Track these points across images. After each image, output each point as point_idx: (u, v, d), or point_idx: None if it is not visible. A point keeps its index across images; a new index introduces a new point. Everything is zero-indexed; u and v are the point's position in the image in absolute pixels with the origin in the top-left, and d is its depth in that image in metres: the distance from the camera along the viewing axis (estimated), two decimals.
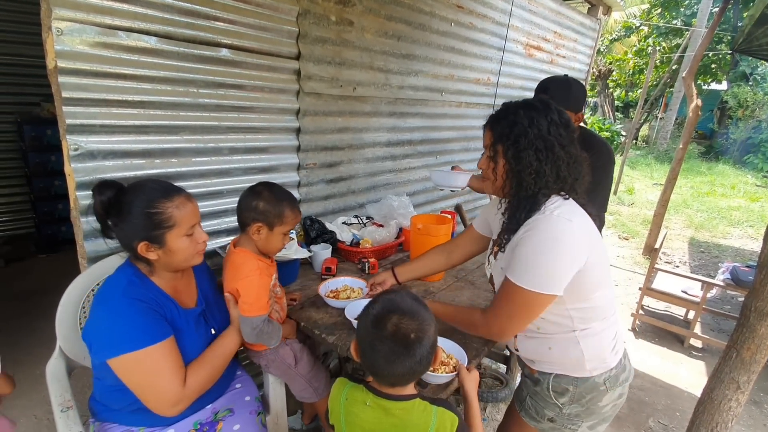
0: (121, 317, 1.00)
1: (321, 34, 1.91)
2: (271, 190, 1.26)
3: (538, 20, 3.33)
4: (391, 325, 0.85)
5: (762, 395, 2.62)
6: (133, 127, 1.44)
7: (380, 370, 0.87)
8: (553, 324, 1.09)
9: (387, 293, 0.94)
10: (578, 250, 0.98)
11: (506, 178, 1.08)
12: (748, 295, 1.81)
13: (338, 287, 1.61)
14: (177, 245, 1.06)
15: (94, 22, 1.30)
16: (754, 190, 8.76)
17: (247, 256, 1.28)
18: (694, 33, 10.84)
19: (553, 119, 1.03)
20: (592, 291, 1.04)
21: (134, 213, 1.02)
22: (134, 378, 1.01)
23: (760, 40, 3.28)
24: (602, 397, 1.12)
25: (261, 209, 1.24)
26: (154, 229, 1.03)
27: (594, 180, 1.58)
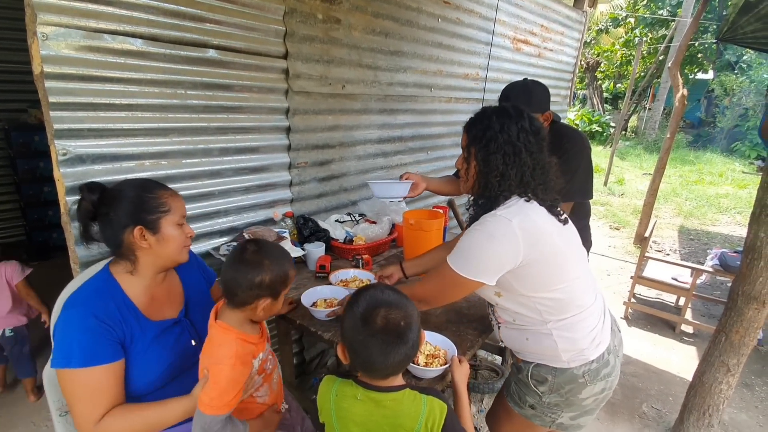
0: (68, 330, 0.97)
1: (308, 32, 1.91)
2: (267, 254, 1.02)
3: (525, 14, 3.35)
4: (381, 319, 0.87)
5: (753, 378, 2.68)
6: (121, 131, 1.44)
7: (376, 364, 0.88)
8: (526, 316, 1.14)
9: (364, 290, 0.95)
10: (512, 247, 1.02)
11: (476, 179, 1.16)
12: (735, 279, 1.85)
13: (348, 278, 1.66)
14: (170, 233, 1.06)
15: (79, 25, 1.29)
16: (741, 177, 8.88)
17: (227, 337, 0.99)
18: (680, 23, 10.94)
19: (524, 126, 1.09)
20: (553, 283, 1.08)
21: (129, 198, 1.03)
22: (64, 393, 0.98)
23: (745, 29, 3.32)
24: (582, 389, 1.15)
25: (268, 283, 1.00)
26: (151, 212, 1.04)
27: (573, 165, 1.62)
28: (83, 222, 1.06)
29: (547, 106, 1.62)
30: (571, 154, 1.63)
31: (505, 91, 1.63)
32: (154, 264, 1.09)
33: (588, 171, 1.69)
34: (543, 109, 1.60)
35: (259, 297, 1.00)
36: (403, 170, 2.72)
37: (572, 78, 4.38)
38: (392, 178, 2.65)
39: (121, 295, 1.05)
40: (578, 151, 1.65)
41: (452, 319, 1.48)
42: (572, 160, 1.63)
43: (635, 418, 2.27)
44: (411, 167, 2.78)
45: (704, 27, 12.00)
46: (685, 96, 4.37)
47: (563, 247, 1.09)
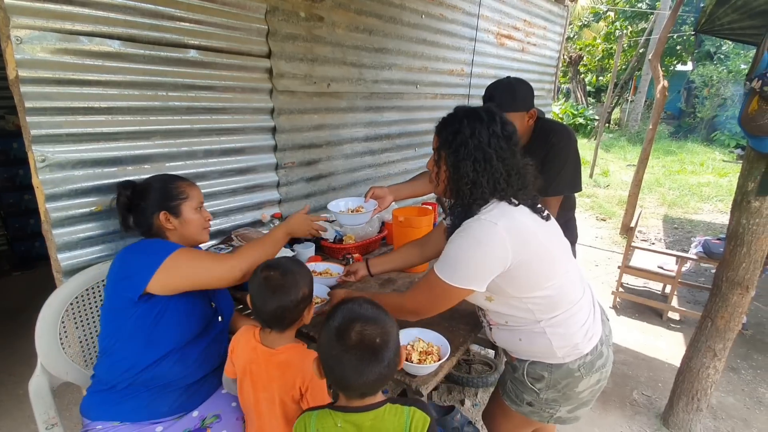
0: (146, 246, 1.20)
1: (291, 30, 1.89)
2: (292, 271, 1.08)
3: (508, 9, 3.37)
4: (355, 334, 0.83)
5: (739, 361, 2.74)
6: (101, 135, 1.40)
7: (350, 382, 0.84)
8: (519, 317, 1.13)
9: (344, 303, 0.91)
10: (500, 251, 1.00)
11: (446, 185, 1.13)
12: (719, 266, 1.90)
13: (320, 270, 1.67)
14: (190, 216, 1.29)
15: (53, 28, 1.25)
16: (722, 165, 9.09)
17: (302, 351, 1.09)
18: (659, 16, 11.13)
19: (495, 131, 1.05)
20: (543, 282, 1.07)
21: (156, 189, 1.27)
22: (186, 271, 1.16)
23: (722, 20, 3.38)
24: (578, 383, 1.15)
25: (309, 292, 1.10)
26: (173, 200, 1.26)
27: (561, 159, 1.62)
28: (122, 213, 1.31)
29: (531, 103, 1.62)
30: (558, 149, 1.64)
31: (489, 89, 1.63)
32: (181, 241, 1.28)
33: (576, 164, 1.70)
34: (527, 107, 1.60)
35: (305, 307, 1.10)
36: (391, 168, 2.72)
37: (556, 72, 4.42)
38: (382, 176, 2.64)
39: None
40: (565, 145, 1.65)
41: (444, 315, 1.47)
42: (560, 154, 1.64)
43: (626, 406, 2.31)
44: (399, 164, 2.78)
45: (683, 19, 12.24)
46: (665, 87, 4.45)
47: (549, 245, 1.08)
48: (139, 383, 1.17)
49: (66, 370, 1.32)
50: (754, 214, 1.70)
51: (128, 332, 1.16)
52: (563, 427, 2.11)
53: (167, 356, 1.19)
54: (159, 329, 1.17)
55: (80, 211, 1.39)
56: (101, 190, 1.43)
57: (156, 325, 1.16)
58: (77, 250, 1.40)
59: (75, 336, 1.35)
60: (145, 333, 1.16)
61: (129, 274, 1.15)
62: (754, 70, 1.56)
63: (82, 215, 1.39)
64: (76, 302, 1.35)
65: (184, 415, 1.25)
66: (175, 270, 1.14)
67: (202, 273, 1.18)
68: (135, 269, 1.14)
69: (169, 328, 1.18)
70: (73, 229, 1.38)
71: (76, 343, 1.36)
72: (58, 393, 1.31)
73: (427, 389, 1.14)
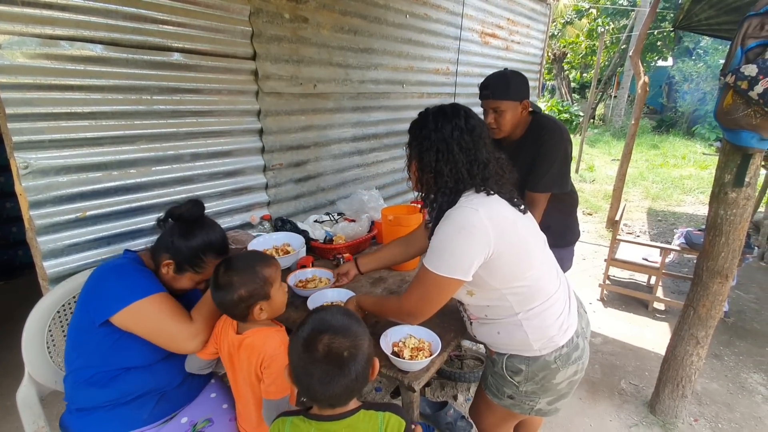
0: (126, 276, 1.14)
1: (276, 32, 1.89)
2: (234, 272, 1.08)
3: (491, 8, 3.40)
4: (323, 346, 0.81)
5: (722, 348, 2.82)
6: (85, 140, 1.39)
7: (316, 393, 0.83)
8: (497, 309, 1.16)
9: (316, 311, 0.90)
10: (483, 237, 1.04)
11: (417, 178, 1.19)
12: (699, 256, 1.95)
13: (307, 277, 1.64)
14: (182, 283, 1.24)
15: (33, 33, 1.24)
16: (702, 158, 9.29)
17: (266, 333, 1.11)
18: (639, 13, 11.34)
19: (458, 124, 1.11)
20: (521, 272, 1.10)
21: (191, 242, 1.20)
22: (144, 324, 1.11)
23: (699, 16, 3.47)
24: (555, 375, 1.17)
25: (247, 295, 1.07)
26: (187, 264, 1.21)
27: (550, 157, 1.66)
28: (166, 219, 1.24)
29: (525, 95, 1.66)
30: (548, 146, 1.67)
31: (485, 81, 1.67)
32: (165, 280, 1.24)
33: (565, 163, 1.72)
34: (521, 98, 1.65)
35: (250, 306, 1.08)
36: (380, 168, 2.73)
37: (540, 69, 4.49)
38: (370, 175, 2.65)
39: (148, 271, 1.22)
40: (556, 143, 1.68)
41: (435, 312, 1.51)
42: (550, 151, 1.67)
43: (615, 395, 2.36)
44: (387, 164, 2.79)
45: (663, 16, 12.48)
46: (646, 83, 4.54)
47: (527, 236, 1.11)
48: (109, 401, 1.15)
49: (54, 379, 1.31)
50: (731, 205, 1.75)
51: (89, 350, 1.13)
52: (554, 419, 2.15)
53: (131, 371, 1.16)
54: (121, 351, 1.14)
55: (65, 218, 1.38)
56: (86, 196, 1.42)
57: (117, 347, 1.13)
58: (63, 257, 1.39)
59: (62, 344, 1.34)
60: (105, 353, 1.13)
61: (99, 297, 1.12)
62: (728, 66, 1.61)
63: (67, 222, 1.38)
64: (63, 310, 1.33)
65: (170, 419, 1.24)
66: (138, 317, 1.10)
67: (160, 334, 1.12)
68: (106, 295, 1.11)
69: (132, 350, 1.14)
70: (59, 236, 1.37)
71: (64, 351, 1.34)
72: (46, 402, 1.29)
73: (419, 384, 1.16)
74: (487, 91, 1.64)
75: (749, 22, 1.55)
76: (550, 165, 1.67)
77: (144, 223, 1.58)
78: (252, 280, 1.07)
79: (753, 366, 2.65)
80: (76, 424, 1.16)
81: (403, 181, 2.98)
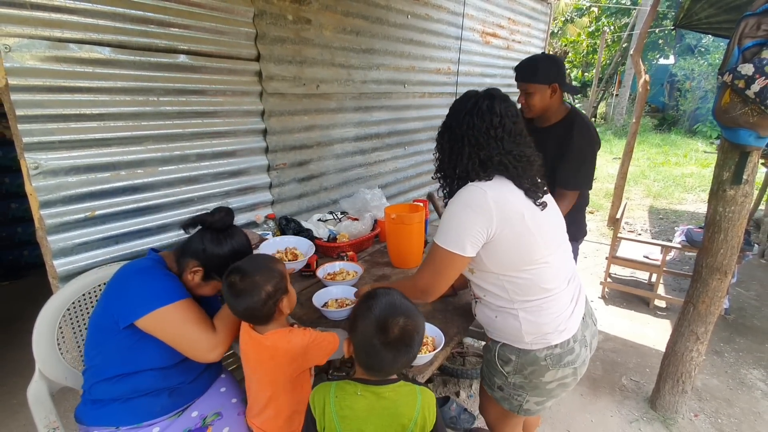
0: (152, 280, 1.15)
1: (279, 33, 1.91)
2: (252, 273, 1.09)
3: (492, 8, 3.42)
4: (398, 329, 0.89)
5: (722, 345, 2.84)
6: (93, 141, 1.42)
7: (384, 367, 0.92)
8: (495, 294, 1.19)
9: (380, 294, 0.94)
10: (487, 215, 1.07)
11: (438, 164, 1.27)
12: (699, 253, 1.97)
13: (335, 270, 1.71)
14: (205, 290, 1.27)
15: (43, 36, 1.27)
16: (704, 156, 9.29)
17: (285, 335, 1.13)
18: (640, 11, 11.32)
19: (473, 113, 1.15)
20: (520, 264, 1.13)
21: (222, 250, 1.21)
22: (169, 331, 1.12)
23: (699, 15, 3.48)
24: (544, 373, 1.19)
25: (273, 291, 1.09)
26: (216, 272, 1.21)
27: (583, 155, 1.77)
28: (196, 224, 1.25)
29: (554, 79, 1.75)
30: (583, 144, 1.78)
31: (518, 65, 1.80)
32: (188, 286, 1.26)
33: (593, 162, 1.85)
34: (549, 81, 1.74)
35: (276, 303, 1.11)
36: (382, 167, 2.76)
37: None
38: (373, 174, 2.68)
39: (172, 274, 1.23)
40: (587, 144, 1.79)
41: (438, 308, 1.53)
42: (582, 151, 1.78)
43: (616, 391, 2.38)
44: (389, 163, 2.81)
45: (664, 14, 12.45)
46: (647, 81, 4.55)
47: (534, 231, 1.11)
48: (123, 395, 1.18)
49: (65, 375, 1.33)
50: (729, 202, 1.77)
51: (109, 350, 1.16)
52: (556, 415, 2.18)
53: (146, 372, 1.18)
54: (140, 352, 1.15)
55: (75, 217, 1.40)
56: (95, 196, 1.44)
57: (137, 348, 1.15)
58: (73, 256, 1.42)
59: (73, 341, 1.37)
60: (125, 354, 1.15)
61: (124, 299, 1.13)
62: (726, 65, 1.63)
63: (76, 221, 1.41)
64: (72, 307, 1.36)
65: (182, 412, 1.26)
66: (163, 323, 1.12)
67: (182, 341, 1.14)
68: (131, 299, 1.12)
69: (151, 353, 1.16)
70: (68, 235, 1.40)
71: (74, 347, 1.37)
72: (57, 399, 1.32)
73: (423, 378, 1.19)
74: (517, 74, 1.79)
75: (746, 22, 1.57)
76: (581, 164, 1.78)
77: (151, 222, 1.61)
78: (271, 275, 1.11)
79: (753, 362, 2.66)
80: (90, 415, 1.18)
81: (405, 180, 3.00)
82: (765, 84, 1.48)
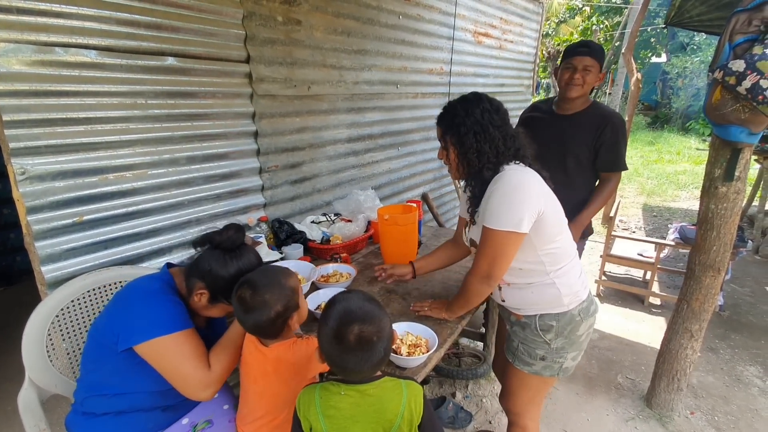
0: (157, 306, 1.11)
1: (269, 35, 1.90)
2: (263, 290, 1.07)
3: (484, 8, 3.43)
4: (353, 336, 0.88)
5: (717, 342, 2.85)
6: (81, 145, 1.40)
7: (351, 372, 0.92)
8: (531, 272, 1.28)
9: (337, 301, 0.95)
10: (536, 194, 1.19)
11: (458, 161, 1.30)
12: (692, 250, 1.97)
13: (329, 273, 1.71)
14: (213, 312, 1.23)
15: (28, 40, 1.25)
16: (697, 154, 9.34)
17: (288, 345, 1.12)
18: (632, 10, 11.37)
19: (485, 107, 1.25)
20: (555, 235, 1.25)
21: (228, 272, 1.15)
22: (163, 362, 1.09)
23: (690, 12, 3.50)
24: (579, 327, 1.31)
25: (283, 309, 1.07)
26: (222, 295, 1.17)
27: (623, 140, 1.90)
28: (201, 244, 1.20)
29: (604, 65, 1.89)
30: (623, 131, 1.90)
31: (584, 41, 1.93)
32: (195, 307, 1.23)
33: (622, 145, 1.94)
34: (603, 67, 1.88)
35: (286, 320, 1.09)
36: (375, 168, 2.75)
37: (534, 68, 4.51)
38: (366, 176, 2.67)
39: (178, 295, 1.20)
40: (622, 127, 1.90)
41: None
42: (621, 134, 1.89)
43: (612, 389, 2.38)
44: (383, 164, 2.81)
45: (656, 12, 12.54)
46: (639, 80, 4.58)
47: (555, 202, 1.25)
48: (116, 410, 1.16)
49: (54, 383, 1.31)
50: (721, 199, 1.78)
51: (107, 369, 1.13)
52: (552, 414, 2.17)
53: (143, 393, 1.16)
54: (138, 375, 1.13)
55: (63, 223, 1.38)
56: (83, 201, 1.43)
57: (135, 371, 1.12)
58: (61, 262, 1.40)
59: (62, 348, 1.35)
60: (122, 376, 1.13)
61: (124, 322, 1.10)
62: (716, 61, 1.63)
63: (64, 227, 1.39)
64: (62, 314, 1.34)
65: (172, 424, 1.25)
66: (158, 353, 1.08)
67: (174, 374, 1.10)
68: (131, 323, 1.09)
69: (148, 377, 1.12)
70: (56, 240, 1.38)
71: (64, 355, 1.35)
72: (49, 407, 1.30)
73: (417, 380, 1.17)
74: (587, 49, 1.85)
75: (737, 18, 1.58)
76: (623, 147, 1.91)
77: (141, 227, 1.59)
78: (282, 293, 1.07)
79: (749, 359, 2.67)
80: (81, 425, 1.17)
81: (398, 180, 2.99)
82: (756, 80, 1.48)
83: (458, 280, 1.75)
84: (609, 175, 1.98)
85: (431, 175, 3.35)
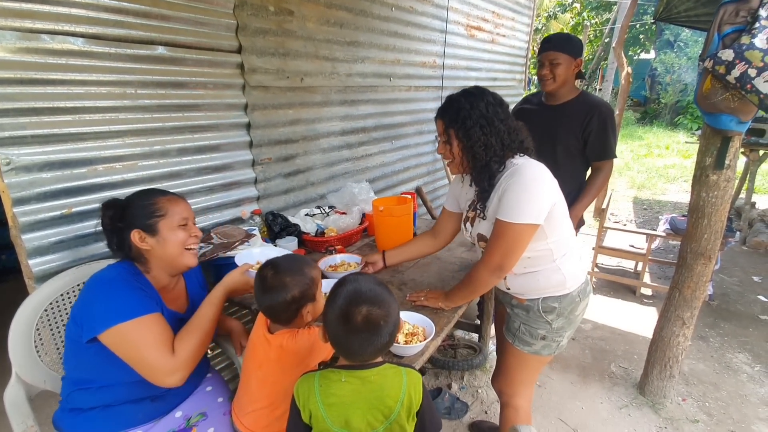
0: (113, 293, 1.08)
1: (261, 25, 1.87)
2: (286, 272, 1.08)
3: (476, 1, 3.42)
4: (361, 317, 0.88)
5: (707, 330, 2.90)
6: (68, 135, 1.37)
7: (355, 354, 0.92)
8: (538, 259, 1.30)
9: (348, 282, 0.94)
10: (552, 185, 1.23)
11: (462, 155, 1.29)
12: (683, 239, 2.00)
13: (336, 263, 1.72)
14: (169, 235, 1.17)
15: (13, 26, 1.21)
16: (685, 148, 9.47)
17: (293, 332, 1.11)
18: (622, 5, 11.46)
19: (489, 100, 1.25)
20: (561, 222, 1.28)
21: (133, 207, 1.16)
22: (125, 350, 1.06)
23: (678, 8, 3.53)
24: (577, 307, 1.36)
25: (299, 296, 1.08)
26: (149, 218, 1.15)
27: (612, 128, 1.92)
28: (108, 236, 1.20)
29: (580, 54, 1.91)
30: (611, 120, 1.91)
31: (548, 36, 1.94)
32: (161, 267, 1.20)
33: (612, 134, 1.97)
34: (576, 55, 1.90)
35: (300, 308, 1.09)
36: (369, 161, 2.74)
37: (526, 63, 4.52)
38: (360, 169, 2.66)
39: (145, 279, 1.17)
40: (611, 116, 1.92)
41: None
42: (609, 123, 1.91)
43: (605, 378, 2.41)
44: (376, 157, 2.79)
45: (644, 8, 12.65)
46: (629, 74, 4.62)
47: (560, 190, 1.27)
48: (103, 403, 1.14)
49: (43, 379, 1.29)
50: (712, 188, 1.80)
51: (84, 362, 1.12)
52: (547, 402, 2.19)
53: (126, 384, 1.13)
54: (116, 366, 1.08)
55: (50, 215, 1.35)
56: (71, 192, 1.39)
57: (112, 362, 1.08)
58: (49, 255, 1.37)
59: (51, 343, 1.32)
60: (101, 368, 1.11)
61: (86, 312, 1.07)
62: (706, 51, 1.65)
63: (52, 219, 1.36)
64: (50, 308, 1.31)
65: (164, 416, 1.23)
66: (119, 340, 1.05)
67: (139, 362, 1.06)
68: (92, 312, 1.06)
69: (119, 367, 1.08)
70: (44, 233, 1.35)
71: (53, 350, 1.32)
72: (38, 405, 1.27)
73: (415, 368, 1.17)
74: (549, 44, 1.88)
75: (725, 9, 1.59)
76: (612, 135, 1.93)
77: None
78: (302, 280, 1.09)
79: (738, 346, 2.72)
80: (69, 422, 1.15)
81: (392, 174, 2.98)
82: (744, 69, 1.50)
83: (454, 271, 1.75)
84: (600, 164, 2.00)
85: (425, 169, 3.35)
